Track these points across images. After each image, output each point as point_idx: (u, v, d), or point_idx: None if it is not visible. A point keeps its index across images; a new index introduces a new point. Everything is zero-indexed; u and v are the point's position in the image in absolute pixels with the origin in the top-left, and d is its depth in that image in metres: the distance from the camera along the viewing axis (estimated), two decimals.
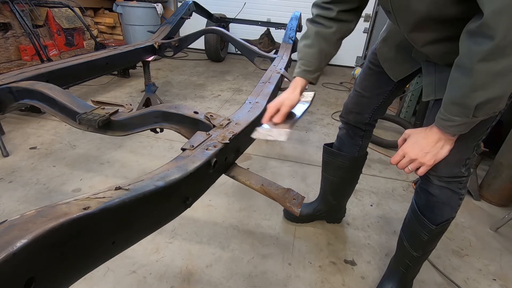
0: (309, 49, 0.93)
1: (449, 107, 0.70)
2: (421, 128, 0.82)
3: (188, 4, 2.90)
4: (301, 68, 0.95)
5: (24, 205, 1.47)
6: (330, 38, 0.92)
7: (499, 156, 1.80)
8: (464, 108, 0.67)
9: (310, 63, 0.93)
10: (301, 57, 0.95)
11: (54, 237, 0.36)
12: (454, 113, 0.69)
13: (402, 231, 1.09)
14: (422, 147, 0.79)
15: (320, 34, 0.92)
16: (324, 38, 0.92)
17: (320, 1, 0.92)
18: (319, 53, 0.92)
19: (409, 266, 1.09)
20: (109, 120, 0.99)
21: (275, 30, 4.22)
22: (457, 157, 0.84)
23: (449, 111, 0.70)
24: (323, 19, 0.91)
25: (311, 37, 0.93)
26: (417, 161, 0.81)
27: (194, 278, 1.19)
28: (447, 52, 0.76)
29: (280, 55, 2.06)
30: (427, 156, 0.79)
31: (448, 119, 0.71)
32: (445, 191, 0.91)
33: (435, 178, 0.90)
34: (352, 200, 1.68)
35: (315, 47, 0.92)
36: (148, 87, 2.47)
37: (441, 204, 0.93)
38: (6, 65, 2.88)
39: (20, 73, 1.21)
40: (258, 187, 0.76)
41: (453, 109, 0.69)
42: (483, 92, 0.62)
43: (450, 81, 0.69)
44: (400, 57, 0.98)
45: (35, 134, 2.13)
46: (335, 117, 2.93)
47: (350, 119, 1.20)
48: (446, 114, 0.71)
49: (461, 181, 0.90)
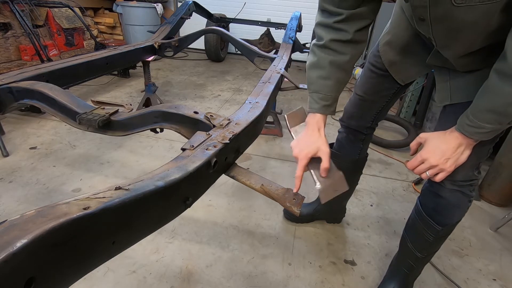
0: (325, 81, 0.86)
1: (482, 115, 0.68)
2: (439, 133, 0.80)
3: (188, 4, 2.90)
4: (320, 103, 0.87)
5: (24, 205, 1.47)
6: (346, 67, 0.85)
7: (499, 156, 1.80)
8: (503, 116, 0.66)
9: (328, 96, 0.86)
10: (317, 90, 0.87)
11: (54, 237, 0.36)
12: (488, 120, 0.68)
13: (405, 232, 1.08)
14: (443, 152, 0.77)
15: (335, 64, 0.84)
16: (340, 67, 0.84)
17: (331, 22, 0.80)
18: (337, 84, 0.86)
19: (413, 267, 1.09)
20: (109, 120, 0.99)
21: (275, 30, 4.22)
22: (474, 161, 0.83)
23: (482, 118, 0.68)
24: (336, 44, 0.82)
25: (326, 68, 0.85)
26: (438, 167, 0.78)
27: (194, 278, 1.19)
28: (473, 60, 0.75)
29: (280, 55, 2.06)
30: (448, 162, 0.77)
31: (478, 126, 0.69)
32: (457, 194, 0.90)
33: (448, 182, 0.88)
34: (352, 200, 1.68)
35: (332, 79, 0.85)
36: (148, 87, 2.47)
37: (451, 207, 0.92)
38: (6, 65, 2.88)
39: (20, 73, 1.21)
40: (258, 187, 0.76)
41: (488, 116, 0.67)
42: None
43: (489, 88, 0.67)
44: (409, 61, 0.94)
45: (35, 134, 2.13)
46: (335, 117, 2.93)
47: (351, 123, 1.17)
48: (475, 121, 0.69)
49: (472, 184, 0.89)
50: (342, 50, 0.83)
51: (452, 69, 0.82)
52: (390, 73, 0.99)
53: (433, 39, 0.74)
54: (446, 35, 0.71)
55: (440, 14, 0.66)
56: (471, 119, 0.70)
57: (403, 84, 1.01)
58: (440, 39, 0.74)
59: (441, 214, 0.94)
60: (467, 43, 0.70)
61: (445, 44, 0.75)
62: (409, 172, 2.10)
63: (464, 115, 0.72)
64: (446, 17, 0.65)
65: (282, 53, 2.13)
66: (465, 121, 0.72)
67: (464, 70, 0.80)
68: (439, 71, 0.86)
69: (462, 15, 0.62)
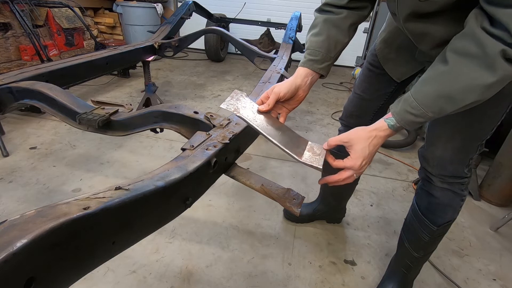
0: (316, 37, 0.82)
1: (432, 101, 0.63)
2: (362, 132, 0.72)
3: (188, 4, 2.90)
4: (306, 57, 0.83)
5: (24, 205, 1.47)
6: (340, 24, 0.81)
7: (499, 156, 1.80)
8: (453, 103, 0.61)
9: (317, 52, 0.81)
10: (307, 47, 0.84)
11: (54, 237, 0.36)
12: (434, 108, 0.62)
13: (402, 232, 1.08)
14: (365, 157, 0.72)
15: (328, 20, 0.81)
16: (334, 24, 0.81)
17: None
18: (327, 40, 0.81)
19: (410, 267, 1.09)
20: (109, 120, 0.99)
21: (275, 30, 4.22)
22: (463, 155, 0.83)
23: (429, 105, 0.63)
24: (332, 7, 0.81)
25: (319, 25, 0.82)
26: (356, 172, 0.74)
27: (194, 278, 1.19)
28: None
29: (280, 55, 2.06)
30: (366, 165, 0.73)
31: (421, 114, 0.64)
32: (447, 193, 0.91)
33: (437, 180, 0.90)
34: (352, 200, 1.68)
35: (323, 35, 0.81)
36: (148, 87, 2.47)
37: (443, 205, 0.93)
38: (6, 65, 2.88)
39: (20, 73, 1.21)
40: (258, 187, 0.76)
41: (437, 103, 0.62)
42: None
43: (445, 72, 0.61)
44: (403, 58, 0.95)
45: (35, 134, 2.13)
46: (335, 117, 2.93)
47: (351, 122, 1.17)
48: (420, 108, 0.63)
49: (463, 182, 0.90)
50: (337, 11, 0.81)
51: None
52: (386, 71, 1.00)
53: (408, 33, 0.76)
54: (414, 29, 0.74)
55: (407, 9, 0.69)
56: (414, 105, 0.64)
57: (399, 82, 1.01)
58: (412, 33, 0.76)
59: (433, 213, 0.95)
60: (434, 34, 0.71)
61: (417, 38, 0.77)
62: (409, 172, 2.10)
63: (404, 102, 0.66)
64: (413, 11, 0.68)
65: (282, 53, 2.13)
66: (405, 108, 0.65)
67: None
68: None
69: (426, 8, 0.65)
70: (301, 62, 0.85)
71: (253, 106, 0.76)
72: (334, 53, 0.83)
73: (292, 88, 0.80)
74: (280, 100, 0.80)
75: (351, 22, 0.82)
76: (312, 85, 0.85)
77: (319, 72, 0.84)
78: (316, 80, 0.85)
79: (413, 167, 2.15)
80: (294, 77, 0.82)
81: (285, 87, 0.79)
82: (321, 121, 2.86)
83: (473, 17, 0.57)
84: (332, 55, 0.83)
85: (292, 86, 0.80)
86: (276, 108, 0.82)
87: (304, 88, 0.83)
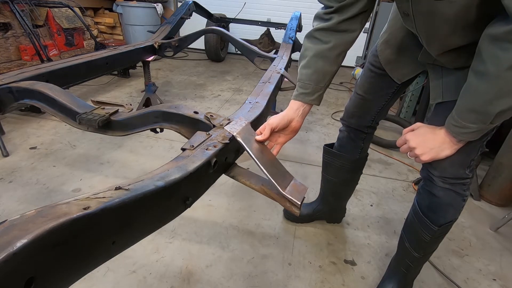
0: (304, 70, 0.88)
1: (465, 114, 0.68)
2: (432, 126, 0.81)
3: (188, 4, 2.90)
4: (299, 91, 0.89)
5: (24, 205, 1.47)
6: (327, 54, 0.84)
7: (499, 156, 1.80)
8: (484, 115, 0.65)
9: (307, 85, 0.87)
10: (298, 79, 0.89)
11: (54, 237, 0.36)
12: (471, 120, 0.67)
13: (403, 232, 1.08)
14: (426, 141, 0.79)
15: (316, 52, 0.85)
16: (321, 55, 0.85)
17: (322, 12, 0.83)
18: (316, 73, 0.86)
19: (410, 267, 1.09)
20: (109, 120, 0.99)
21: (275, 30, 4.22)
22: (463, 157, 0.83)
23: (465, 118, 0.68)
24: (320, 33, 0.84)
25: (307, 58, 0.87)
26: (414, 151, 0.81)
27: (194, 278, 1.19)
28: (458, 57, 0.75)
29: (280, 55, 2.06)
30: (428, 152, 0.79)
31: (463, 126, 0.69)
32: (449, 193, 0.90)
33: (439, 180, 0.89)
34: (352, 200, 1.68)
35: (311, 68, 0.86)
36: (148, 87, 2.47)
37: (445, 205, 0.92)
38: (6, 65, 2.88)
39: (20, 73, 1.21)
40: (258, 187, 0.76)
41: (470, 116, 0.67)
42: (508, 99, 0.60)
43: (468, 88, 0.67)
44: (404, 59, 0.96)
45: (35, 134, 2.13)
46: (335, 117, 2.93)
47: (352, 122, 1.18)
48: (460, 121, 0.69)
49: (465, 183, 0.89)
50: (325, 39, 0.84)
51: (445, 66, 0.83)
52: (387, 72, 1.01)
53: (418, 34, 0.76)
54: (426, 31, 0.73)
55: (422, 9, 0.68)
56: (456, 119, 0.70)
57: (399, 83, 1.02)
58: (423, 35, 0.76)
59: (435, 212, 0.95)
60: (445, 39, 0.71)
61: (427, 40, 0.76)
62: (409, 172, 2.10)
63: (450, 116, 0.73)
64: (428, 12, 0.67)
65: (282, 53, 2.13)
66: (451, 122, 0.72)
67: (452, 67, 0.80)
68: (433, 69, 0.87)
69: (443, 9, 0.63)
70: (293, 95, 0.91)
71: (252, 134, 0.82)
72: (324, 83, 0.88)
73: (284, 120, 0.88)
74: (275, 130, 0.86)
75: (338, 52, 0.85)
76: (306, 115, 0.92)
77: (311, 103, 0.90)
78: (309, 109, 0.92)
79: (413, 167, 2.16)
80: (287, 110, 0.90)
81: (278, 119, 0.87)
82: (321, 121, 2.86)
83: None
84: (322, 85, 0.89)
85: (284, 119, 0.88)
86: (274, 137, 0.90)
87: (297, 119, 0.90)
